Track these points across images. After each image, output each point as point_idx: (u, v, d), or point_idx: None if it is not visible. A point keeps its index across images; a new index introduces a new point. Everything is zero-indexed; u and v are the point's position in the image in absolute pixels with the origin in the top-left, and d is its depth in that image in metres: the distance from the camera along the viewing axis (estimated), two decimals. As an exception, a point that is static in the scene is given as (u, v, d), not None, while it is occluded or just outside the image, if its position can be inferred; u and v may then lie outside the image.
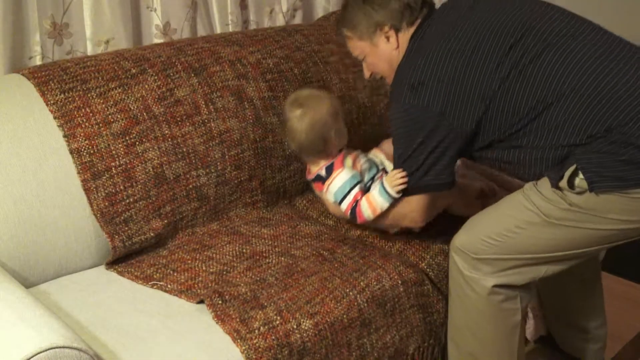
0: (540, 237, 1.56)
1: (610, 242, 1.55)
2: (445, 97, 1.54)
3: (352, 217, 1.79)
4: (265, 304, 1.60)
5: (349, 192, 1.78)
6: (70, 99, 1.78)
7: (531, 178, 1.61)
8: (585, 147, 1.48)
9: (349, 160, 1.85)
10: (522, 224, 1.58)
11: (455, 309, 1.74)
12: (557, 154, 1.52)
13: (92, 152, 1.77)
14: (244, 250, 1.83)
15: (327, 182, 1.83)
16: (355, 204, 1.77)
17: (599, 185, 1.45)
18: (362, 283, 1.70)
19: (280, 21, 2.51)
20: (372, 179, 1.84)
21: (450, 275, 1.74)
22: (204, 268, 1.76)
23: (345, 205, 1.78)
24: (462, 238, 1.68)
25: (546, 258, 1.60)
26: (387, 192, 1.71)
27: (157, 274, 1.74)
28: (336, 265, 1.76)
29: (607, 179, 1.44)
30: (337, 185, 1.80)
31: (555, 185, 1.52)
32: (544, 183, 1.56)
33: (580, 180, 1.48)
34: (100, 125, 1.79)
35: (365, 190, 1.80)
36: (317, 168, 1.86)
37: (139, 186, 1.81)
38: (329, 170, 1.84)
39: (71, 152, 1.75)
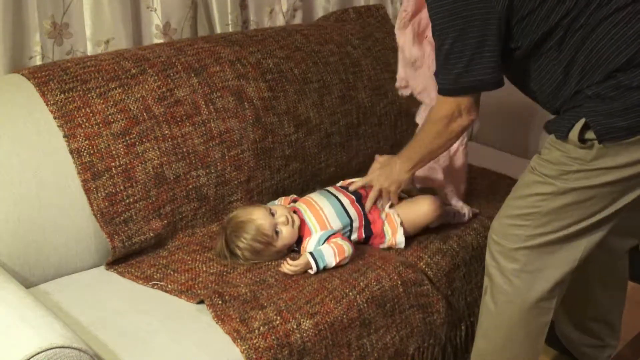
0: (561, 205, 1.55)
1: (628, 192, 1.54)
2: None
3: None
4: (265, 304, 1.60)
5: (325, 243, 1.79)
6: (70, 99, 1.78)
7: (550, 106, 1.60)
8: (596, 87, 1.46)
9: (311, 220, 1.84)
10: (540, 197, 1.57)
11: (485, 307, 1.73)
12: (568, 88, 1.50)
13: (92, 152, 1.77)
14: (244, 251, 1.83)
15: (303, 248, 1.82)
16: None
17: (608, 136, 1.45)
18: (361, 283, 1.71)
19: (280, 21, 2.51)
20: (344, 208, 1.85)
21: (486, 273, 1.72)
22: (204, 269, 1.76)
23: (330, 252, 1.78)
24: (495, 227, 1.67)
25: (576, 230, 1.57)
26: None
27: (158, 274, 1.75)
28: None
29: (615, 130, 1.44)
30: (312, 245, 1.80)
31: (564, 137, 1.50)
32: (549, 152, 1.56)
33: (589, 133, 1.47)
34: (100, 125, 1.79)
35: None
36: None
37: (139, 186, 1.82)
38: (299, 243, 1.84)
39: (71, 152, 1.75)
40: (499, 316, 1.70)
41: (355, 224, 1.86)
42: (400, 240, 1.87)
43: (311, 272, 1.73)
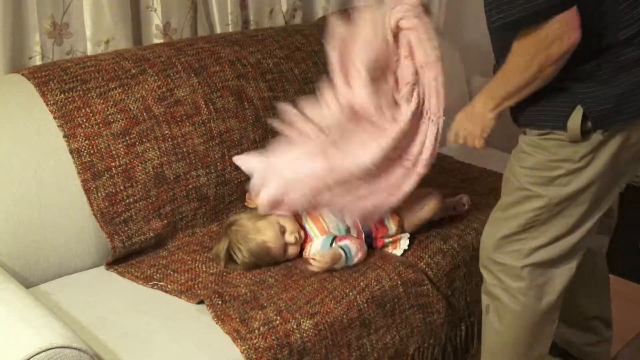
0: (556, 212, 1.55)
1: (616, 179, 1.55)
2: None
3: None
4: (265, 304, 1.60)
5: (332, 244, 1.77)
6: (70, 99, 1.78)
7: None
8: (587, 64, 1.43)
9: (311, 227, 1.83)
10: (535, 212, 1.56)
11: (490, 326, 1.72)
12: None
13: (92, 152, 1.77)
14: (244, 251, 1.83)
15: (305, 254, 1.81)
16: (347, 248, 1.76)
17: (603, 123, 1.44)
18: (361, 283, 1.71)
19: (280, 21, 2.51)
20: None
21: (486, 292, 1.70)
22: (204, 269, 1.76)
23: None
24: (490, 249, 1.65)
25: (577, 233, 1.58)
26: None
27: (157, 275, 1.75)
28: (336, 265, 1.77)
29: (610, 115, 1.44)
30: (317, 249, 1.78)
31: (561, 126, 1.47)
32: (529, 157, 1.55)
33: (586, 124, 1.46)
34: (100, 125, 1.79)
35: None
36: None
37: (139, 186, 1.82)
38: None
39: (71, 152, 1.75)
40: (506, 332, 1.70)
41: (354, 234, 1.85)
42: (397, 253, 1.87)
43: (338, 264, 1.73)
